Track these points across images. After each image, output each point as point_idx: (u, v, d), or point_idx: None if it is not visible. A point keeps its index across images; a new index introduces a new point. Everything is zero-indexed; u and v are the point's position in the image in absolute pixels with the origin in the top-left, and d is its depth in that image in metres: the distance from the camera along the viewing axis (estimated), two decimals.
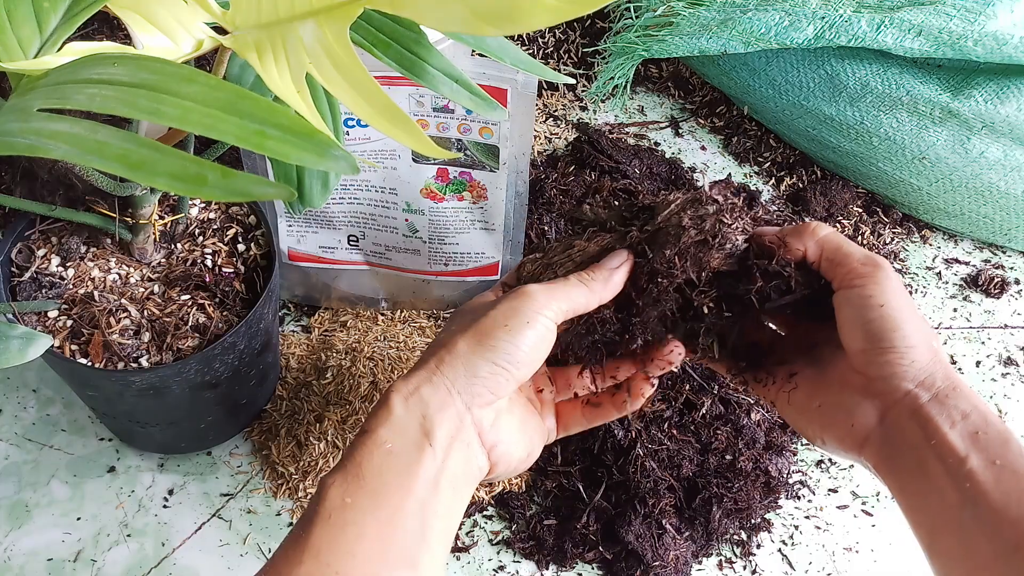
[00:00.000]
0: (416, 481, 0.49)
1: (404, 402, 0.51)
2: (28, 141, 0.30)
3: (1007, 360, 0.87)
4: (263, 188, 0.30)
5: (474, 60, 0.68)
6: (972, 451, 0.48)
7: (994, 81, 0.85)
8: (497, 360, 0.52)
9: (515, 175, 0.74)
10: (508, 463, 0.55)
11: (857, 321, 0.53)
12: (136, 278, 0.66)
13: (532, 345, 0.52)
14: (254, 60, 0.39)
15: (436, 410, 0.51)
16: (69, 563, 0.70)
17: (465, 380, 0.52)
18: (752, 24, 0.88)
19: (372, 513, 0.48)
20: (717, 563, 0.73)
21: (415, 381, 0.52)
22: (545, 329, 0.53)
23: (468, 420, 0.52)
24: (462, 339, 0.53)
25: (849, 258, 0.54)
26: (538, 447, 0.59)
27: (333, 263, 0.81)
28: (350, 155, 0.32)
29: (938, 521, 0.50)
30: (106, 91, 0.31)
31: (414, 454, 0.49)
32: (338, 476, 0.49)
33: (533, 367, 0.53)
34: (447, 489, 0.50)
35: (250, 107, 0.31)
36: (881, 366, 0.52)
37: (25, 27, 0.42)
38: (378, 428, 0.50)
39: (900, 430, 0.51)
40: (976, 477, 0.48)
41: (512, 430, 0.56)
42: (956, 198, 0.91)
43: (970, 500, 0.48)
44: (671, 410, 0.73)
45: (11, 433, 0.76)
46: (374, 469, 0.49)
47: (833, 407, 0.55)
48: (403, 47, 0.50)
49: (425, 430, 0.50)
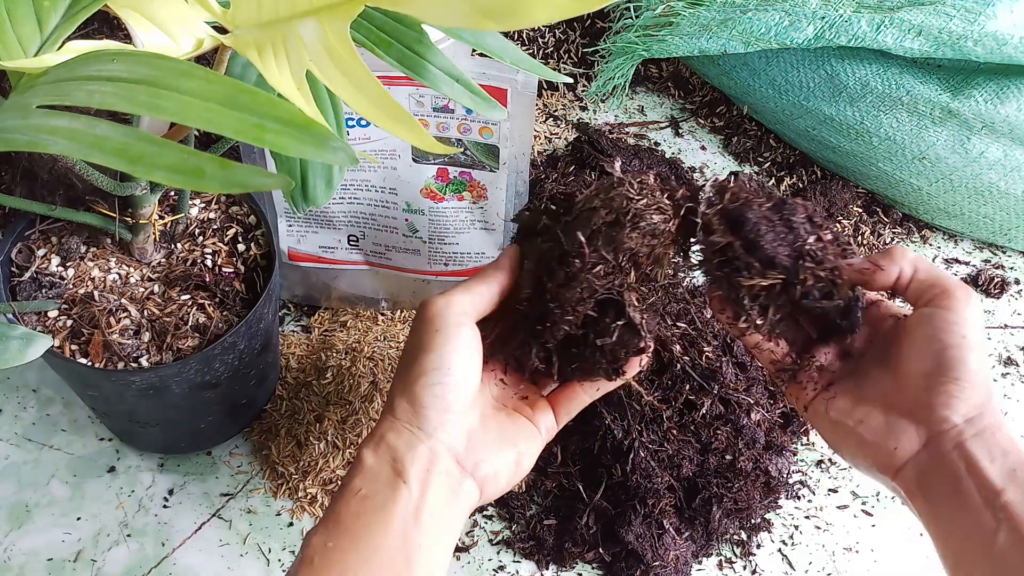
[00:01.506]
0: (393, 517, 0.50)
1: (373, 452, 0.52)
2: (27, 137, 0.30)
3: (1007, 360, 0.88)
4: (261, 179, 0.30)
5: (474, 60, 0.68)
6: (1009, 485, 0.49)
7: (994, 81, 0.85)
8: (431, 381, 0.52)
9: (515, 175, 0.74)
10: (498, 481, 0.55)
11: (933, 344, 0.52)
12: (136, 278, 0.66)
13: (454, 348, 0.53)
14: (255, 58, 0.39)
15: (405, 450, 0.51)
16: (69, 563, 0.69)
17: (416, 415, 0.52)
18: (752, 24, 0.88)
19: (354, 552, 0.49)
20: (717, 563, 0.73)
21: (379, 433, 0.53)
22: (457, 326, 0.53)
23: (440, 450, 0.52)
24: (398, 383, 0.54)
25: (943, 279, 0.53)
26: (529, 455, 0.58)
27: (333, 263, 0.81)
28: (349, 147, 0.32)
29: (969, 547, 0.50)
30: (105, 87, 0.31)
31: (388, 493, 0.50)
32: (319, 527, 0.50)
33: (470, 369, 0.54)
34: (429, 522, 0.51)
35: (249, 101, 0.31)
36: (940, 394, 0.51)
37: (25, 26, 0.42)
38: (352, 480, 0.51)
39: (941, 460, 0.51)
40: (1011, 510, 0.48)
41: (490, 445, 0.56)
42: (956, 198, 0.91)
43: (1004, 527, 0.48)
44: (671, 410, 0.73)
45: (11, 433, 0.76)
46: (351, 515, 0.50)
47: (875, 426, 0.54)
48: (404, 46, 0.50)
49: (397, 470, 0.51)
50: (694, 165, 1.00)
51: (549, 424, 0.60)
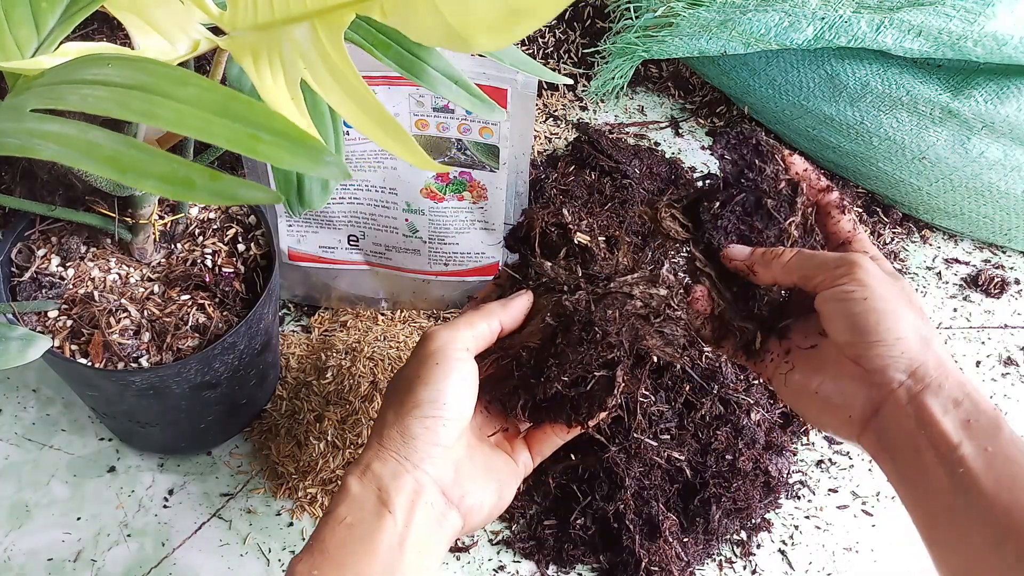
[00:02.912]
0: (378, 546, 0.50)
1: (359, 480, 0.52)
2: (19, 141, 0.30)
3: (1007, 360, 0.87)
4: (250, 192, 0.30)
5: (474, 60, 0.68)
6: (964, 438, 0.49)
7: (994, 81, 0.85)
8: (424, 413, 0.53)
9: (515, 175, 0.74)
10: (480, 512, 0.56)
11: (840, 315, 0.53)
12: (136, 278, 0.66)
13: (452, 383, 0.53)
14: (249, 67, 0.39)
15: (390, 479, 0.52)
16: (69, 563, 0.70)
17: (405, 445, 0.53)
18: (752, 25, 0.88)
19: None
20: (717, 563, 0.73)
21: (365, 460, 0.53)
22: (457, 361, 0.54)
23: (427, 481, 0.53)
24: (390, 410, 0.54)
25: (822, 266, 0.55)
26: (510, 487, 0.59)
27: (333, 263, 0.81)
28: (342, 161, 0.32)
29: (933, 510, 0.50)
30: (100, 92, 0.31)
31: (374, 522, 0.51)
32: (304, 556, 0.51)
33: (465, 405, 0.54)
34: (412, 552, 0.51)
35: (244, 111, 0.31)
36: (871, 359, 0.52)
37: (23, 27, 0.42)
38: (338, 507, 0.52)
39: (895, 419, 0.52)
40: (968, 463, 0.48)
41: (476, 479, 0.56)
42: (956, 198, 0.91)
43: (962, 488, 0.48)
44: (671, 410, 0.73)
45: (11, 433, 0.76)
46: (336, 544, 0.50)
47: (831, 393, 0.55)
48: (403, 48, 0.50)
49: (382, 500, 0.51)
50: (694, 165, 0.99)
51: (526, 460, 0.61)
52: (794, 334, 0.59)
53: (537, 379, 0.57)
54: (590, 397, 0.57)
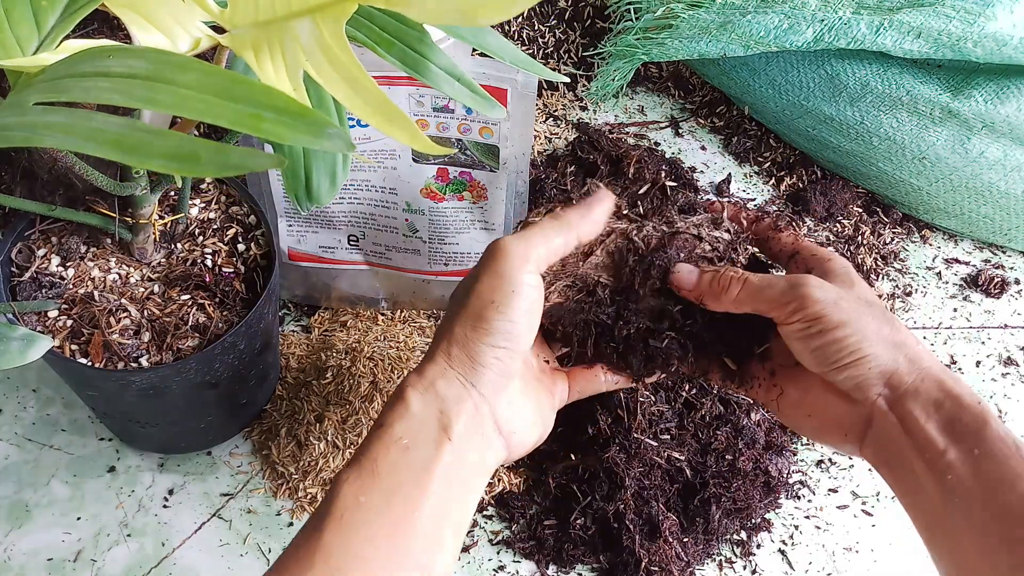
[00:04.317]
0: (432, 477, 0.47)
1: (421, 397, 0.50)
2: (24, 133, 0.30)
3: (1007, 360, 0.87)
4: (257, 160, 0.30)
5: (475, 60, 0.68)
6: (950, 443, 0.48)
7: (994, 81, 0.85)
8: (496, 343, 0.50)
9: (515, 175, 0.74)
10: (523, 448, 0.55)
11: (803, 351, 0.53)
12: (136, 278, 0.66)
13: (525, 314, 0.51)
14: (251, 59, 0.39)
15: (453, 403, 0.49)
16: (69, 563, 0.70)
17: (473, 371, 0.50)
18: (751, 27, 0.88)
19: (386, 514, 0.46)
20: (717, 563, 0.73)
21: (430, 375, 0.50)
22: (531, 288, 0.51)
23: (486, 411, 0.51)
24: (458, 327, 0.51)
25: (771, 302, 0.53)
26: (550, 420, 0.58)
27: (333, 263, 0.81)
28: (345, 133, 0.32)
29: (928, 519, 0.50)
30: (102, 83, 0.31)
31: (432, 450, 0.48)
32: (352, 472, 0.48)
33: (532, 334, 0.52)
34: (460, 486, 0.49)
35: (245, 91, 0.31)
36: (843, 382, 0.52)
37: (23, 25, 0.42)
38: (395, 423, 0.49)
39: (884, 430, 0.51)
40: (956, 469, 0.47)
41: (528, 415, 0.55)
42: (956, 198, 0.91)
43: (951, 494, 0.47)
44: (671, 410, 0.73)
45: (11, 433, 0.76)
46: (390, 466, 0.47)
47: (822, 414, 0.55)
48: (406, 45, 0.50)
49: (443, 425, 0.49)
50: (694, 165, 1.00)
51: (562, 395, 0.59)
52: (775, 353, 0.59)
53: (614, 322, 0.56)
54: (665, 352, 0.56)
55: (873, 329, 0.51)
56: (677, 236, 0.57)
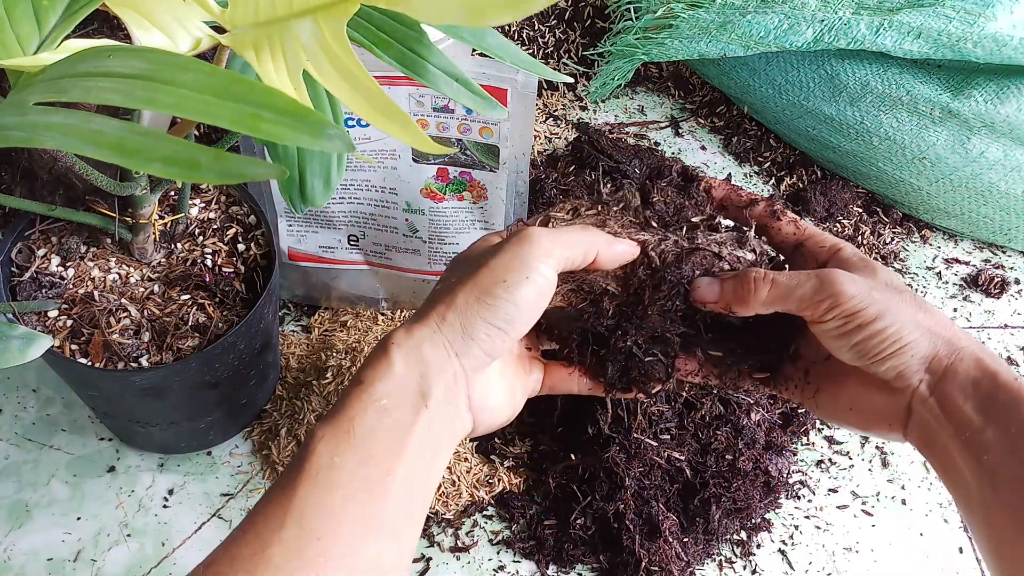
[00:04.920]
0: (408, 445, 0.47)
1: (405, 358, 0.48)
2: (24, 133, 0.30)
3: (1007, 360, 0.87)
4: (256, 168, 0.30)
5: (474, 60, 0.68)
6: (987, 422, 0.48)
7: (994, 81, 0.85)
8: (495, 321, 0.50)
9: (515, 175, 0.74)
10: (488, 427, 0.54)
11: (841, 348, 0.52)
12: (136, 278, 0.66)
13: (531, 302, 0.51)
14: (252, 59, 0.39)
15: (436, 371, 0.48)
16: (69, 563, 0.70)
17: (462, 342, 0.50)
18: (751, 27, 0.88)
19: (360, 477, 0.45)
20: (717, 563, 0.73)
21: (417, 335, 0.49)
22: (545, 281, 0.51)
23: (462, 382, 0.50)
24: (461, 294, 0.50)
25: (802, 300, 0.52)
26: (521, 405, 0.57)
27: (333, 263, 0.81)
28: (345, 134, 0.32)
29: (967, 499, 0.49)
30: (102, 83, 0.31)
31: (409, 416, 0.47)
32: (328, 428, 0.46)
33: (530, 324, 0.52)
34: (431, 455, 0.48)
35: (244, 91, 0.31)
36: (885, 373, 0.52)
37: (24, 24, 0.42)
38: (375, 382, 0.48)
39: (924, 415, 0.51)
40: (994, 448, 0.47)
41: (501, 394, 0.54)
42: (956, 198, 0.91)
43: (988, 474, 0.47)
44: (671, 410, 0.73)
45: (11, 433, 0.76)
46: (367, 428, 0.46)
47: (863, 407, 0.54)
48: (404, 46, 0.50)
49: (422, 391, 0.48)
50: (694, 165, 1.00)
51: (535, 385, 0.59)
52: (804, 350, 0.58)
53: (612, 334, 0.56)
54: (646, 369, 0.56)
55: (909, 316, 0.51)
56: (695, 253, 0.56)
